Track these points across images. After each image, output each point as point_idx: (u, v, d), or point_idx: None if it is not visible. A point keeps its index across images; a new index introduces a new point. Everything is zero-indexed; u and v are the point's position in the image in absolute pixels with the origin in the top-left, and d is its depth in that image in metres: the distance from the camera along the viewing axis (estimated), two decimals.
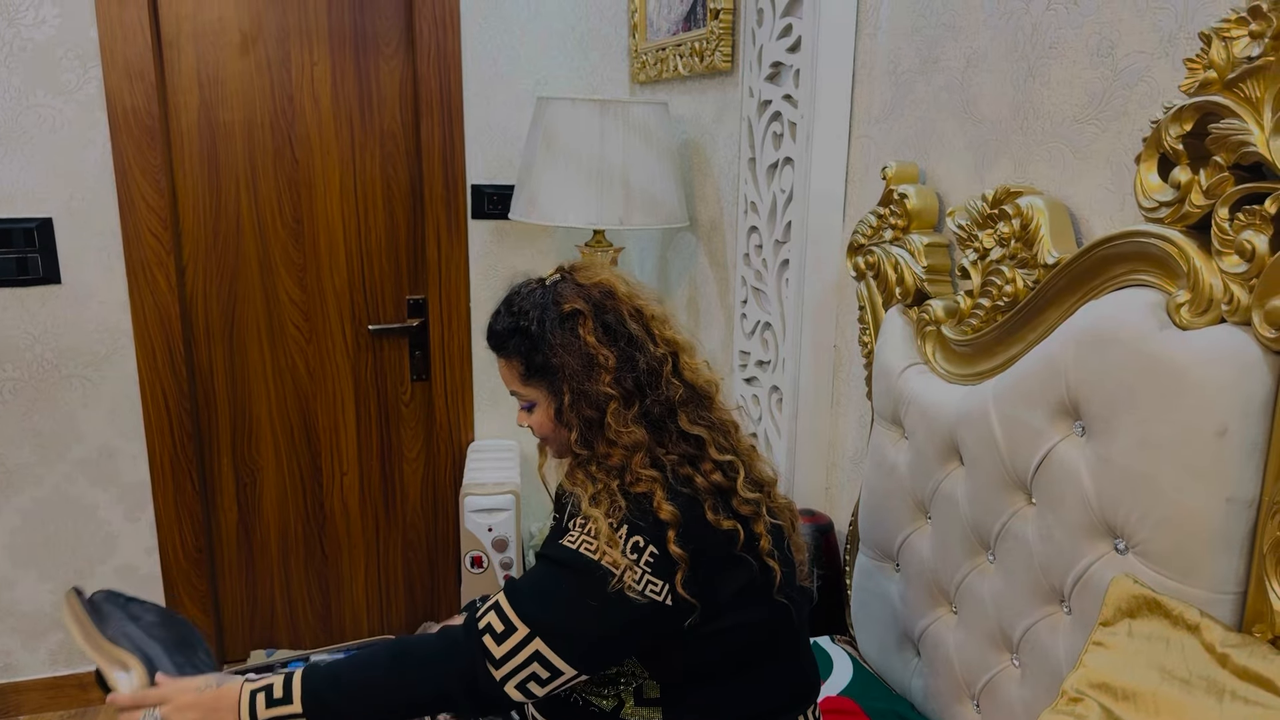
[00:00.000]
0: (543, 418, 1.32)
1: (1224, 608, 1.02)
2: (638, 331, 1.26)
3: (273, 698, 1.20)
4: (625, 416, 1.22)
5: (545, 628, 1.17)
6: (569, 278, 1.31)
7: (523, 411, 1.35)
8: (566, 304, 1.27)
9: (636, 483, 1.20)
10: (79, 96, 2.37)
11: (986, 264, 1.39)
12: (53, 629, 2.65)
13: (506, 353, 1.31)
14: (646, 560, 1.16)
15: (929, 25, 1.58)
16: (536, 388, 1.30)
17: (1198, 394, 1.01)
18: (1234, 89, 0.97)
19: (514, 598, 1.20)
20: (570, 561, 1.18)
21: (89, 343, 2.51)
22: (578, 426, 1.25)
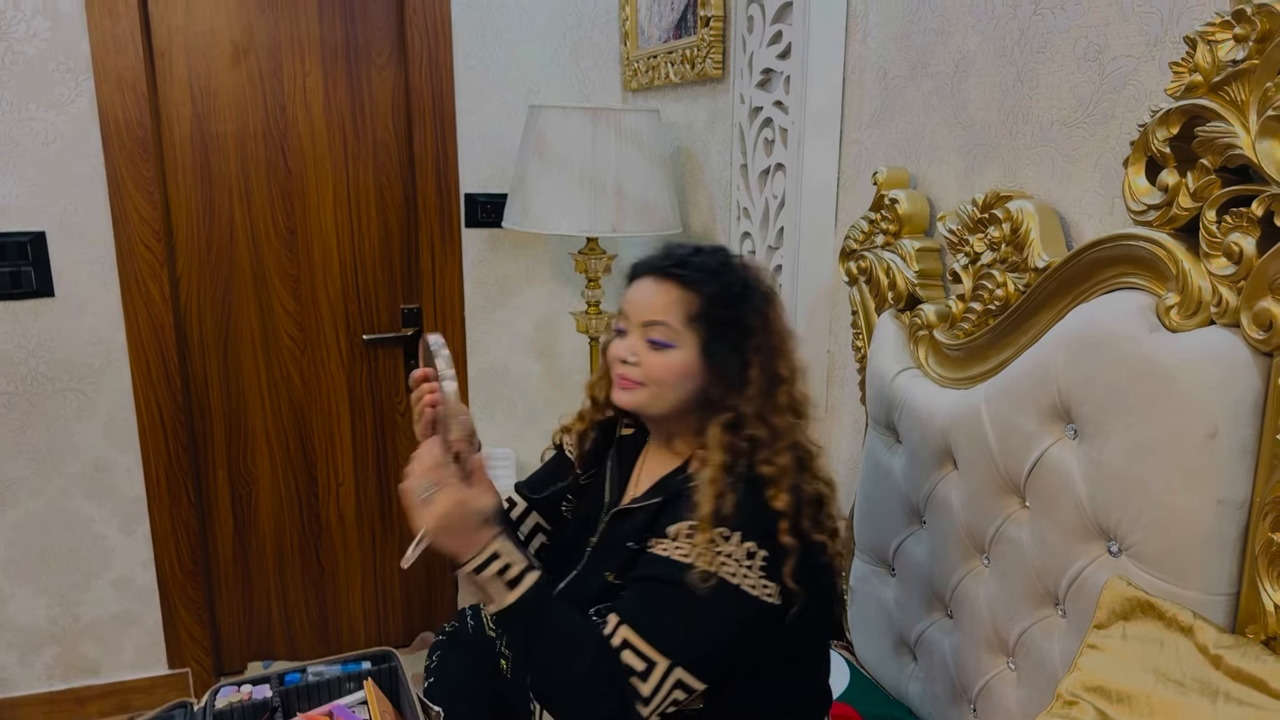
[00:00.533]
0: (674, 363, 1.25)
1: (1217, 609, 1.02)
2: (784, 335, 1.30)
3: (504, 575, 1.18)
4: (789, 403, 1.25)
5: (683, 655, 1.16)
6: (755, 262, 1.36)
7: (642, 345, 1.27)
8: (763, 283, 1.29)
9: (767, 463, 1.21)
10: (71, 109, 2.37)
11: (977, 268, 1.39)
12: (48, 643, 2.64)
13: (691, 285, 1.25)
14: (760, 565, 1.17)
15: (918, 30, 1.59)
16: (696, 334, 1.24)
17: (1188, 396, 1.02)
18: (1220, 92, 0.98)
19: (645, 632, 1.17)
20: (690, 581, 1.16)
21: (83, 356, 2.51)
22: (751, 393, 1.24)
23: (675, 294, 1.25)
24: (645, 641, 1.16)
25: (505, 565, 1.18)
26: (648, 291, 1.27)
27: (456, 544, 1.19)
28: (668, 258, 1.28)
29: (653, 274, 1.28)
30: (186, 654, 2.76)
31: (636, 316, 1.28)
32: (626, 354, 1.29)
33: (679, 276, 1.25)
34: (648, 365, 1.27)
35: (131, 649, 2.72)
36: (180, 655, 2.76)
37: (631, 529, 1.30)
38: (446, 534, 1.18)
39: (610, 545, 1.35)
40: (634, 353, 1.28)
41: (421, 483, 1.18)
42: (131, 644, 2.72)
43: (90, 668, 2.70)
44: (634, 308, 1.29)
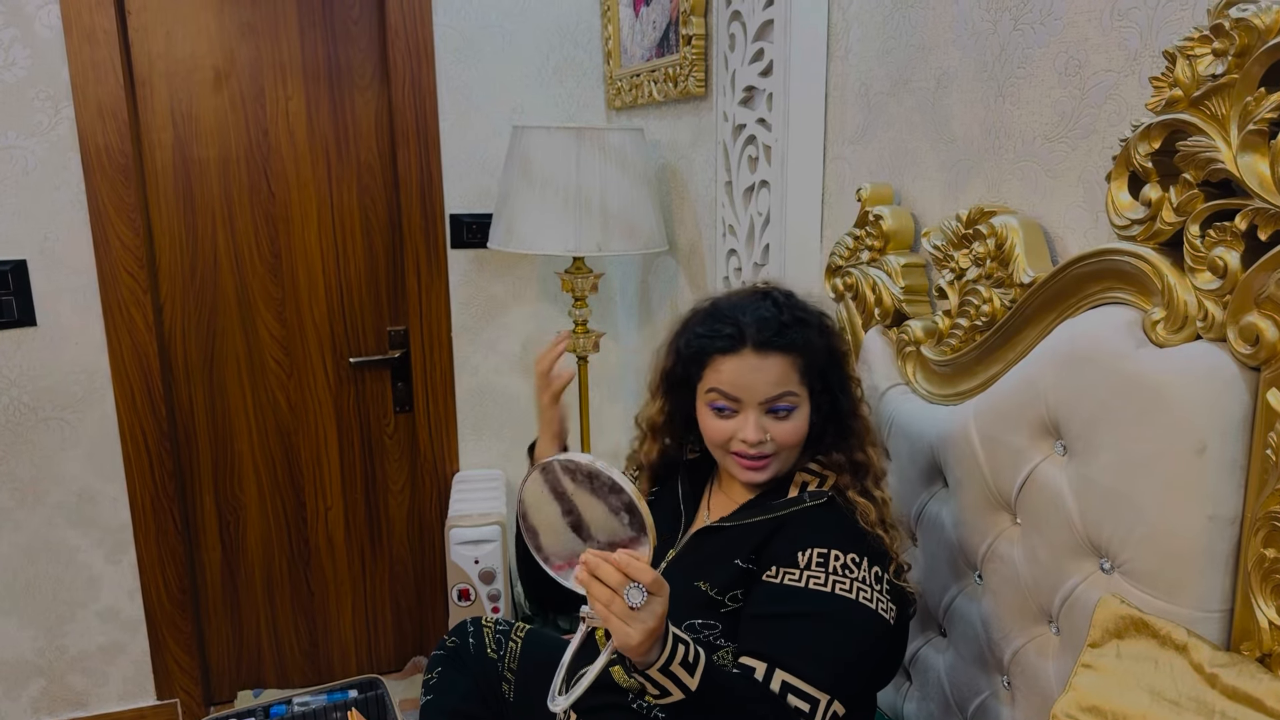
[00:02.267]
0: (800, 423, 1.30)
1: (1211, 626, 1.01)
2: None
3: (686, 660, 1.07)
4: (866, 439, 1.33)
5: (839, 688, 1.17)
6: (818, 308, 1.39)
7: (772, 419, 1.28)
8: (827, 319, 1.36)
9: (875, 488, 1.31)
10: (51, 137, 2.36)
11: (963, 284, 1.39)
12: (34, 676, 2.61)
13: (788, 347, 1.28)
14: (886, 587, 1.23)
15: (899, 46, 1.59)
16: (806, 388, 1.30)
17: (1176, 411, 1.01)
18: (1200, 106, 0.97)
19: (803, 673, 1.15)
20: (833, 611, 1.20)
21: (66, 384, 2.48)
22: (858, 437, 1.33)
23: (786, 361, 1.28)
24: (805, 682, 1.15)
25: (685, 649, 1.08)
26: (758, 369, 1.27)
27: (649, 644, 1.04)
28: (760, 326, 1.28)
29: (754, 349, 1.27)
30: (175, 684, 2.73)
31: (754, 397, 1.28)
32: (756, 437, 1.28)
33: (772, 345, 1.27)
34: (779, 435, 1.30)
35: (119, 680, 2.69)
36: (169, 685, 2.72)
37: (727, 546, 1.32)
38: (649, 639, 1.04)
39: (700, 560, 1.35)
40: (763, 431, 1.29)
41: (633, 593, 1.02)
42: (119, 675, 2.69)
43: (78, 700, 2.66)
44: (749, 390, 1.28)
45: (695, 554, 1.37)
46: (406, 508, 2.92)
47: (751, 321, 1.28)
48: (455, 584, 2.49)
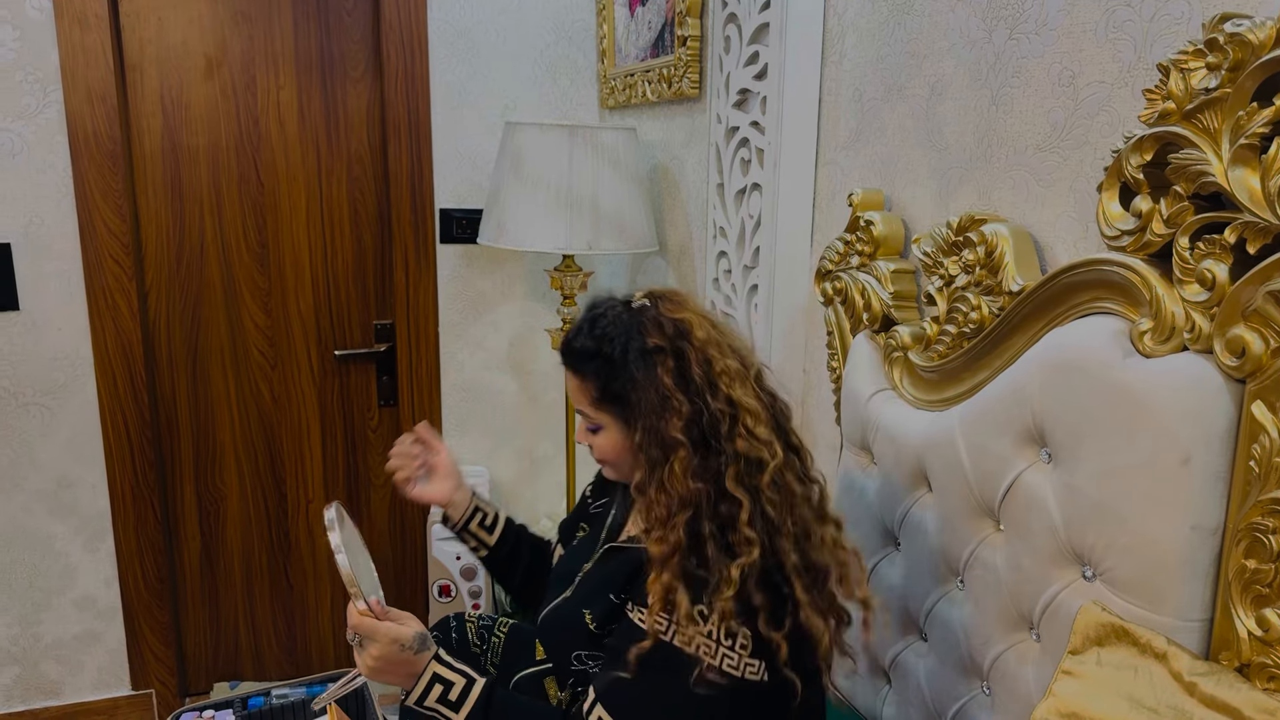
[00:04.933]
0: (608, 443, 1.31)
1: (1191, 635, 1.02)
2: (701, 382, 1.21)
3: (447, 698, 1.22)
4: (688, 467, 1.17)
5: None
6: (655, 307, 1.28)
7: (586, 431, 1.33)
8: (650, 338, 1.23)
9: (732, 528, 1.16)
10: (39, 120, 2.34)
11: (952, 291, 1.39)
12: (8, 663, 2.58)
13: (582, 373, 1.29)
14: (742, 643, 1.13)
15: (894, 53, 1.59)
16: (608, 413, 1.29)
17: (1161, 422, 1.02)
18: (1192, 120, 0.98)
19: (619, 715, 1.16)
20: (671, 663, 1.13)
21: (48, 370, 2.46)
22: (644, 466, 1.21)
23: (576, 383, 1.31)
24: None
25: (446, 687, 1.23)
26: (569, 381, 1.32)
27: (398, 678, 1.24)
28: (565, 347, 1.32)
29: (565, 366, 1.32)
30: (150, 675, 2.71)
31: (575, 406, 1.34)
32: (579, 440, 1.36)
33: (572, 366, 1.30)
34: (595, 446, 1.33)
35: (94, 669, 2.67)
36: (144, 676, 2.70)
37: (617, 572, 1.29)
38: (387, 672, 1.24)
39: (599, 580, 1.34)
40: (583, 439, 1.34)
41: (350, 635, 1.25)
42: (94, 664, 2.66)
43: (52, 689, 2.64)
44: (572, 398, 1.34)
45: (598, 572, 1.37)
46: (388, 502, 2.91)
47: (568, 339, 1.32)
48: (436, 580, 2.48)
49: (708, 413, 1.19)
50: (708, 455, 1.19)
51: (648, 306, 1.28)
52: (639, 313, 1.27)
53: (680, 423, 1.19)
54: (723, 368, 1.23)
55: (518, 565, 1.68)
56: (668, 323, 1.25)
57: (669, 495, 1.17)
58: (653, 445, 1.20)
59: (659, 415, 1.20)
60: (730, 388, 1.21)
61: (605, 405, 1.28)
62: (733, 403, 1.21)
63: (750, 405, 1.21)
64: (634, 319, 1.26)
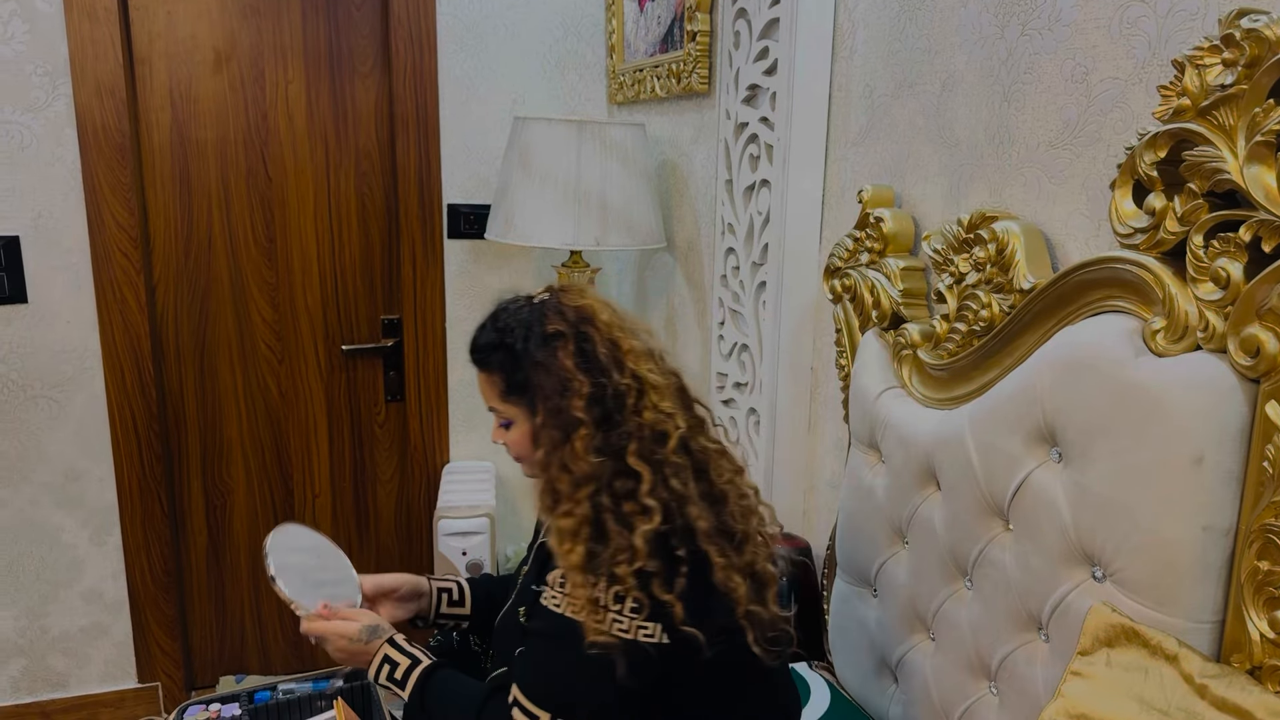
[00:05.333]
0: (519, 436, 1.31)
1: (1202, 637, 1.01)
2: (607, 360, 1.24)
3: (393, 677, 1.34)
4: (590, 444, 1.21)
5: (566, 710, 1.17)
6: (555, 298, 1.31)
7: (499, 428, 1.35)
8: (550, 324, 1.26)
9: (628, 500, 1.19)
10: (48, 113, 2.34)
11: (962, 289, 1.39)
12: (15, 655, 2.59)
13: (488, 367, 1.31)
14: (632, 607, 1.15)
15: (905, 49, 1.58)
16: (515, 405, 1.30)
17: (1174, 421, 1.01)
18: (1208, 116, 0.97)
19: (528, 690, 1.20)
20: (562, 631, 1.17)
21: (56, 363, 2.46)
22: (545, 447, 1.24)
23: (483, 379, 1.32)
24: (529, 699, 1.19)
25: (393, 667, 1.34)
26: (478, 380, 1.34)
27: (361, 663, 1.39)
28: (471, 345, 1.34)
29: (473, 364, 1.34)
30: (157, 667, 2.71)
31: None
32: (493, 439, 1.37)
33: (477, 363, 1.33)
34: (509, 443, 1.34)
35: (100, 662, 2.67)
36: (150, 669, 2.71)
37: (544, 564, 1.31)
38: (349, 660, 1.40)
39: (529, 577, 1.37)
40: (497, 437, 1.36)
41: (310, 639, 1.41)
42: (100, 657, 2.67)
43: (58, 681, 2.65)
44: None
45: (532, 569, 1.40)
46: (395, 497, 2.90)
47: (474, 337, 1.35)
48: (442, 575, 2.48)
49: (612, 388, 1.23)
50: (609, 432, 1.22)
51: (548, 299, 1.31)
52: (540, 305, 1.30)
53: (581, 402, 1.22)
54: (630, 346, 1.27)
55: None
56: (569, 310, 1.28)
57: (571, 473, 1.21)
58: (554, 426, 1.23)
59: (560, 396, 1.23)
60: (637, 364, 1.25)
61: (511, 397, 1.29)
62: (639, 378, 1.24)
63: (655, 381, 1.25)
64: (535, 310, 1.29)
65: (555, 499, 1.22)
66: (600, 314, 1.28)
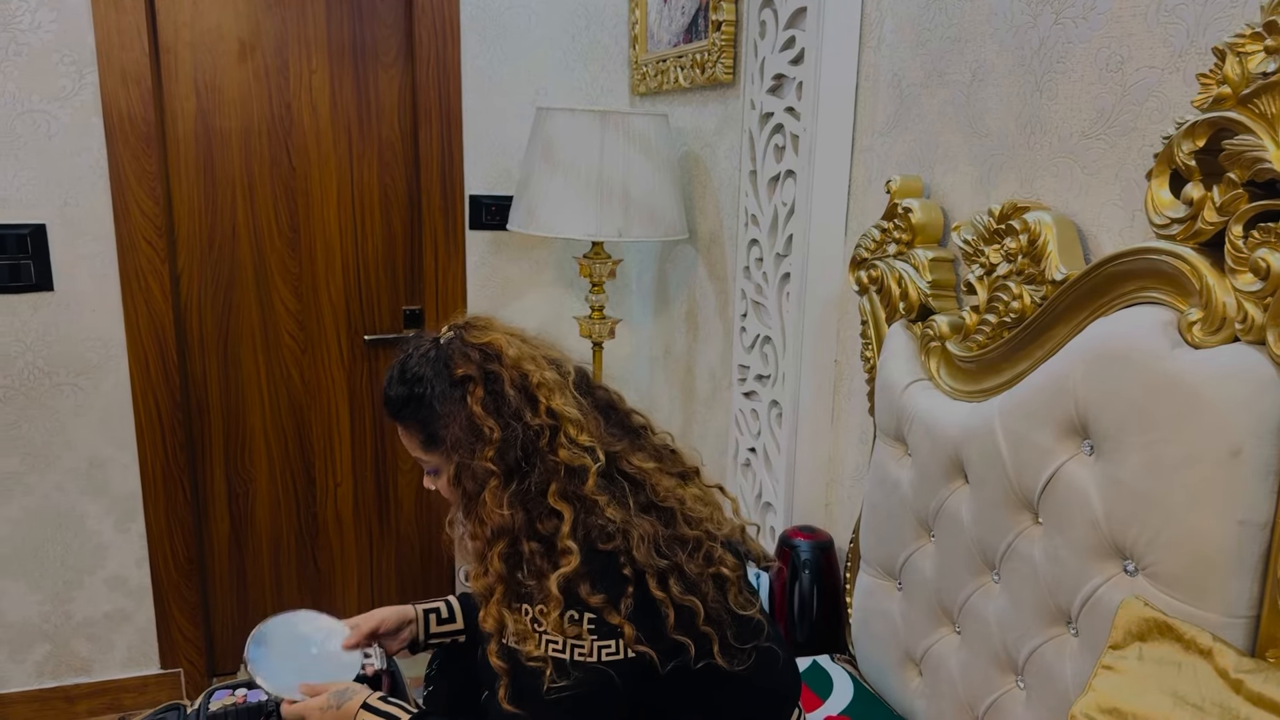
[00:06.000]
0: (444, 485, 1.29)
1: (1236, 632, 1.00)
2: (518, 401, 1.20)
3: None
4: (501, 496, 1.17)
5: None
6: (459, 336, 1.27)
7: (428, 475, 1.33)
8: (458, 368, 1.22)
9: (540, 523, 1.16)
10: (74, 102, 2.35)
11: (993, 280, 1.37)
12: (40, 640, 2.61)
13: (404, 421, 1.28)
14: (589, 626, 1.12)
15: (934, 38, 1.57)
16: (435, 456, 1.27)
17: (1210, 414, 1.00)
18: (1248, 105, 0.96)
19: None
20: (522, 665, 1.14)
21: (81, 351, 2.48)
22: (460, 501, 1.22)
23: (402, 432, 1.29)
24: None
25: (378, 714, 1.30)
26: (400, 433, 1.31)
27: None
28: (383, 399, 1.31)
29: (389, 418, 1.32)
30: (179, 654, 2.73)
31: None
32: (428, 484, 1.35)
33: (392, 416, 1.29)
34: (440, 490, 1.32)
35: (123, 648, 2.69)
36: (173, 655, 2.73)
37: None
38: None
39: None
40: (427, 484, 1.34)
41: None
42: (124, 643, 2.69)
43: (82, 666, 2.67)
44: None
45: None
46: (415, 487, 2.91)
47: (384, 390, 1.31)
48: (463, 565, 2.48)
49: (525, 431, 1.18)
50: (522, 479, 1.17)
51: (453, 338, 1.27)
52: (446, 346, 1.26)
53: (492, 451, 1.18)
54: (539, 380, 1.21)
55: None
56: (474, 350, 1.23)
57: (483, 527, 1.17)
58: (466, 478, 1.20)
59: (470, 447, 1.19)
60: (550, 399, 1.20)
61: (430, 449, 1.26)
62: (554, 414, 1.20)
63: (571, 414, 1.21)
64: (440, 354, 1.25)
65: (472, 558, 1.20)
66: (507, 349, 1.24)
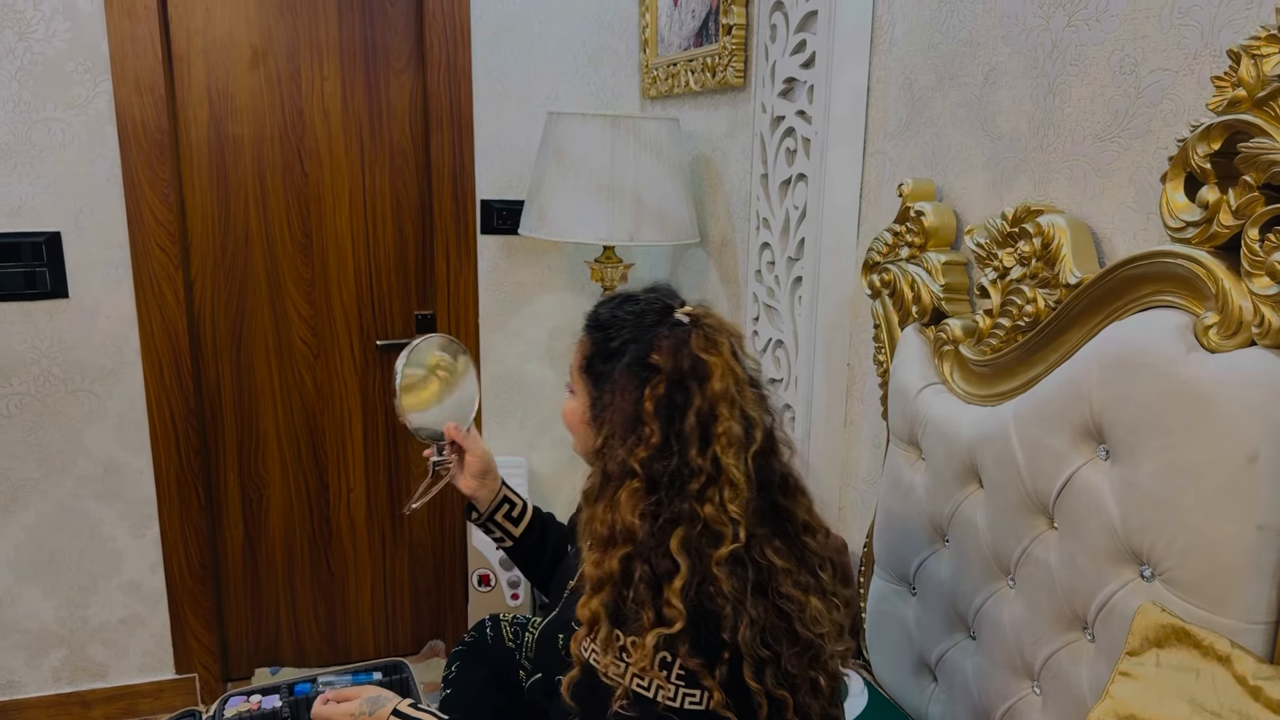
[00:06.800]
0: (572, 409, 1.29)
1: (1255, 638, 0.99)
2: (692, 431, 1.11)
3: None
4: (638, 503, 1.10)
5: None
6: (685, 332, 1.16)
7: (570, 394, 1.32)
8: (656, 354, 1.14)
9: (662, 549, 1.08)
10: (89, 110, 2.37)
11: (1006, 283, 1.37)
12: (56, 645, 2.63)
13: (588, 333, 1.26)
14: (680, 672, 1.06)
15: (946, 41, 1.56)
16: (583, 384, 1.26)
17: (1227, 418, 0.99)
18: (1264, 107, 0.95)
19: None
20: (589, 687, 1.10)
21: (96, 357, 2.50)
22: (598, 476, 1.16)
23: (578, 340, 1.28)
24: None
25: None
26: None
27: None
28: (596, 306, 1.29)
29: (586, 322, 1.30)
30: (194, 659, 2.74)
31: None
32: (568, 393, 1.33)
33: (586, 324, 1.27)
34: (565, 410, 1.31)
35: (139, 653, 2.71)
36: (188, 660, 2.74)
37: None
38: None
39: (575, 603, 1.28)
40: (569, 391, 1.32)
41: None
42: (139, 648, 2.70)
43: (98, 671, 2.68)
44: None
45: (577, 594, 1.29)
46: None
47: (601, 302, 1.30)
48: (475, 569, 2.49)
49: (681, 462, 1.10)
50: (661, 500, 1.10)
51: (682, 325, 1.18)
52: (664, 323, 1.18)
53: (644, 453, 1.11)
54: (725, 429, 1.12)
55: (543, 557, 1.66)
56: (687, 356, 1.14)
57: (612, 519, 1.11)
58: (610, 459, 1.14)
59: (625, 432, 1.13)
60: (724, 452, 1.11)
61: (586, 376, 1.25)
62: (718, 466, 1.10)
63: (735, 477, 1.10)
64: (657, 325, 1.18)
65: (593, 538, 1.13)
66: (715, 380, 1.13)
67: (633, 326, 1.20)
